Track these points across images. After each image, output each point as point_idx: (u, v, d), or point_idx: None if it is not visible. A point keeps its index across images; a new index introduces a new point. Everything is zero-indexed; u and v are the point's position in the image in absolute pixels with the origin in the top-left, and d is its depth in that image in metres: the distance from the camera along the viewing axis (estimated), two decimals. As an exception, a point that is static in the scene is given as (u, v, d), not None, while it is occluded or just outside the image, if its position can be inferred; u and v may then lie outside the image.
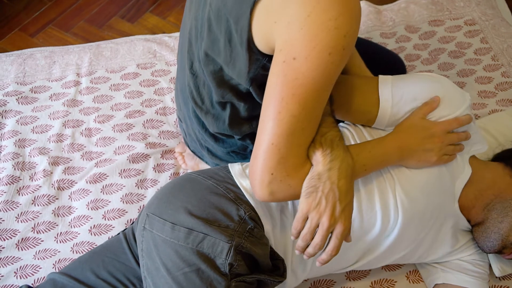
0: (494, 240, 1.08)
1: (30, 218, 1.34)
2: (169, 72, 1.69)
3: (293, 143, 0.84)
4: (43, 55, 1.72)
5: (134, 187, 1.41)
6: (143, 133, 1.52)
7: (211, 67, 0.96)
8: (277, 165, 0.84)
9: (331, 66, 0.77)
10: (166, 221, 0.96)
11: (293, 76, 0.77)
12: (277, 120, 0.81)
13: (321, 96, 0.81)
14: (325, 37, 0.74)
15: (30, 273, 1.26)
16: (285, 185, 0.87)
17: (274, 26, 0.78)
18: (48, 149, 1.48)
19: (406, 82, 1.03)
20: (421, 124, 1.00)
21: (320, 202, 0.86)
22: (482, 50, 1.72)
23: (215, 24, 0.89)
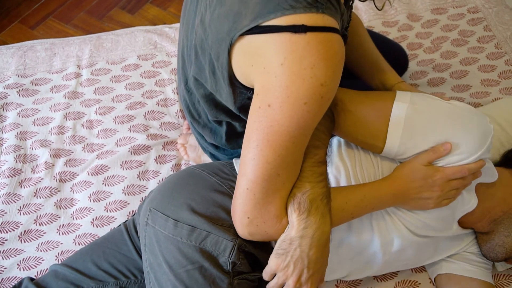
0: (498, 253, 1.08)
1: (32, 210, 1.34)
2: (170, 63, 1.69)
3: (269, 188, 0.81)
4: (44, 47, 1.71)
5: (135, 178, 1.41)
6: (144, 124, 1.52)
7: (201, 91, 0.95)
8: (253, 209, 0.83)
9: (307, 115, 0.74)
10: (168, 217, 0.95)
11: (268, 123, 0.75)
12: (251, 166, 0.79)
13: (297, 143, 0.78)
14: (300, 86, 0.71)
15: (33, 265, 1.26)
16: (262, 231, 0.86)
17: (251, 69, 0.76)
18: (49, 142, 1.48)
19: (422, 116, 0.94)
20: (423, 171, 0.94)
21: (288, 266, 0.86)
22: (485, 38, 1.70)
23: (200, 53, 0.88)
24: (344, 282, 1.23)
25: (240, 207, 0.84)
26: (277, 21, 0.71)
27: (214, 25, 0.80)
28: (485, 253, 1.11)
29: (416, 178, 0.95)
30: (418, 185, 0.95)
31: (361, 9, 1.85)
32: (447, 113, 0.95)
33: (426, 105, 0.95)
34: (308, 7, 0.71)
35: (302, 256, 0.85)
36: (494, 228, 1.07)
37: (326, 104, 0.76)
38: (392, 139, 0.94)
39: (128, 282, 1.06)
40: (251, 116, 0.78)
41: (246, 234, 0.87)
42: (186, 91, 1.04)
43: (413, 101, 0.95)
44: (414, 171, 0.95)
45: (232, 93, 0.86)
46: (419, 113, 0.94)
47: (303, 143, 0.81)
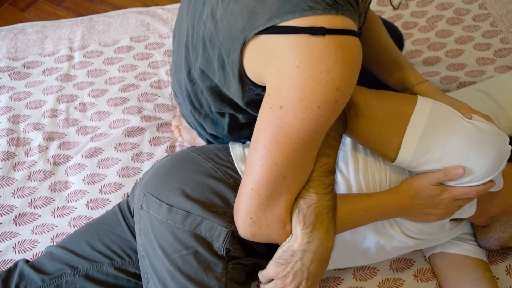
0: (493, 245, 1.09)
1: (27, 193, 1.34)
2: (163, 45, 1.67)
3: (274, 191, 0.79)
4: (35, 30, 1.69)
5: (130, 160, 1.40)
6: (138, 106, 1.51)
7: (207, 82, 0.93)
8: (256, 210, 0.81)
9: (320, 119, 0.72)
10: (162, 202, 0.95)
11: (278, 124, 0.73)
12: (257, 166, 0.77)
13: (307, 146, 0.76)
14: (314, 90, 0.69)
15: (28, 248, 1.26)
16: (265, 233, 0.84)
17: (264, 69, 0.74)
18: (42, 125, 1.47)
19: (439, 133, 0.90)
20: (430, 190, 0.93)
21: (287, 275, 0.85)
22: (480, 16, 1.69)
23: (209, 46, 0.85)
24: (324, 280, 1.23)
25: (243, 206, 0.81)
26: (294, 22, 0.69)
27: (226, 20, 0.78)
28: (479, 242, 1.12)
29: (423, 196, 0.94)
30: (424, 202, 0.94)
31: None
32: (464, 135, 0.90)
33: (445, 121, 0.91)
34: (328, 9, 0.68)
35: (302, 269, 0.84)
36: (491, 224, 1.08)
37: (340, 108, 0.74)
38: (405, 154, 0.91)
39: (123, 262, 1.06)
40: (261, 116, 0.76)
41: (248, 235, 0.85)
42: (189, 81, 1.01)
43: (433, 113, 0.91)
44: (422, 189, 0.94)
45: (241, 89, 0.84)
46: (437, 129, 0.90)
47: (313, 148, 0.79)
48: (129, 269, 1.06)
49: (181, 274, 0.91)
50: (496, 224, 1.07)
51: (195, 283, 0.91)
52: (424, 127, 0.89)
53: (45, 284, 1.04)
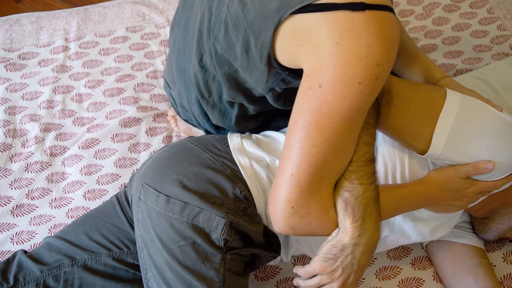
0: (491, 236, 1.10)
1: (24, 185, 1.34)
2: (158, 35, 1.66)
3: (315, 175, 0.76)
4: (30, 21, 1.68)
5: (127, 151, 1.40)
6: (134, 97, 1.50)
7: (225, 68, 0.91)
8: (298, 198, 0.78)
9: (360, 96, 0.70)
10: (160, 193, 0.94)
11: (318, 104, 0.71)
12: (297, 149, 0.75)
13: (347, 127, 0.74)
14: (355, 65, 0.68)
15: (26, 239, 1.26)
16: (306, 222, 0.81)
17: (301, 49, 0.73)
18: (39, 116, 1.46)
19: (469, 126, 0.89)
20: (458, 184, 0.93)
21: (336, 270, 0.84)
22: (477, 3, 1.68)
23: (232, 30, 0.83)
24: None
25: (283, 195, 0.78)
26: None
27: (258, 1, 0.76)
28: (477, 233, 1.13)
29: (450, 188, 0.94)
30: (451, 195, 0.95)
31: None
32: (494, 128, 0.90)
33: (475, 113, 0.90)
34: None
35: (352, 263, 0.83)
36: (490, 216, 1.09)
37: (379, 86, 0.72)
38: (436, 146, 0.90)
39: (121, 253, 1.07)
40: (299, 98, 0.75)
41: (287, 227, 0.82)
42: (200, 68, 0.99)
43: (463, 106, 0.90)
44: (450, 181, 0.93)
45: (267, 73, 0.82)
46: (467, 122, 0.89)
47: (354, 130, 0.76)
48: (127, 260, 1.07)
49: (179, 264, 0.91)
50: (495, 217, 1.08)
51: (193, 273, 0.91)
52: (454, 120, 0.88)
53: (44, 275, 1.04)
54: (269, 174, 0.99)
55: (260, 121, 1.08)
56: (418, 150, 0.93)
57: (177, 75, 1.15)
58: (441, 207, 0.98)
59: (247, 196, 0.96)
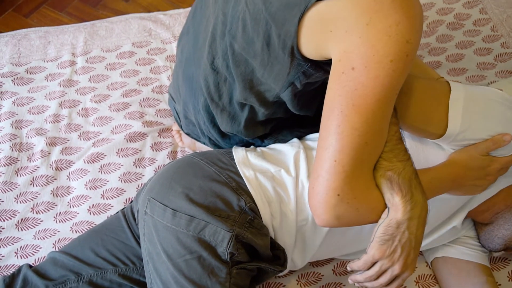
0: (497, 244, 1.09)
1: (29, 198, 1.34)
2: (164, 50, 1.68)
3: (357, 159, 0.76)
4: (38, 35, 1.70)
5: (132, 166, 1.40)
6: (139, 111, 1.51)
7: (242, 68, 0.92)
8: (343, 185, 0.77)
9: (393, 74, 0.71)
10: (167, 207, 0.95)
11: (353, 86, 0.72)
12: (337, 134, 0.75)
13: (383, 107, 0.75)
14: (386, 43, 0.69)
15: (31, 253, 1.26)
16: (353, 208, 0.80)
17: (329, 36, 0.73)
18: (45, 130, 1.47)
19: (479, 105, 0.92)
20: (480, 161, 0.94)
21: (395, 251, 0.83)
22: (481, 21, 1.70)
23: (251, 26, 0.84)
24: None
25: (327, 184, 0.78)
26: None
27: None
28: (483, 243, 1.12)
29: (474, 167, 0.94)
30: (475, 174, 0.95)
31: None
32: (502, 103, 0.94)
33: (481, 94, 0.94)
34: None
35: (410, 238, 0.82)
36: (494, 221, 1.08)
37: (410, 64, 0.73)
38: (453, 126, 0.91)
39: (127, 269, 1.07)
40: (333, 85, 0.75)
41: (333, 218, 0.80)
42: (212, 70, 0.99)
43: (468, 90, 0.93)
44: (472, 159, 0.94)
45: (289, 65, 0.83)
46: (476, 101, 0.92)
47: (389, 108, 0.77)
48: (133, 276, 1.07)
49: (185, 278, 0.92)
50: (500, 221, 1.07)
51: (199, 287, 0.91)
52: (464, 101, 0.91)
53: (49, 290, 1.04)
54: (274, 185, 0.99)
55: (269, 128, 1.08)
56: (435, 135, 0.94)
57: (183, 84, 1.15)
58: (466, 188, 0.98)
59: (253, 207, 0.97)
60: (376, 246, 0.83)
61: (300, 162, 1.02)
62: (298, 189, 0.99)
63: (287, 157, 1.04)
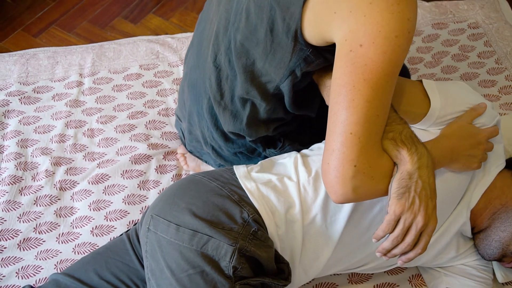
0: (495, 248, 1.08)
1: (32, 218, 1.34)
2: (171, 73, 1.69)
3: (371, 130, 0.81)
4: (46, 55, 1.72)
5: (136, 188, 1.40)
6: (145, 134, 1.52)
7: (243, 59, 0.95)
8: (359, 155, 0.81)
9: (398, 49, 0.76)
10: (170, 222, 0.95)
11: (362, 62, 0.77)
12: (351, 108, 0.79)
13: (390, 81, 0.79)
14: (390, 21, 0.74)
15: (32, 274, 1.25)
16: (368, 177, 0.83)
17: (333, 17, 0.78)
18: (50, 150, 1.47)
19: (448, 87, 1.03)
20: (470, 129, 1.00)
21: (414, 202, 0.85)
22: (485, 54, 1.72)
23: (255, 13, 0.88)
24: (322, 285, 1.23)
25: (344, 156, 0.81)
26: None
27: None
28: (482, 251, 1.11)
29: (465, 135, 1.00)
30: (468, 143, 1.00)
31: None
32: (467, 86, 1.07)
33: (446, 83, 1.06)
34: None
35: (424, 187, 0.85)
36: (491, 223, 1.08)
37: (410, 41, 0.78)
38: (435, 103, 0.99)
39: (130, 292, 1.06)
40: (341, 63, 0.79)
41: (350, 191, 0.83)
42: (214, 68, 1.03)
43: (437, 82, 1.03)
44: (462, 129, 1.00)
45: (292, 49, 0.87)
46: (446, 84, 1.04)
47: (394, 82, 0.81)
48: (136, 299, 1.06)
49: None
50: (496, 223, 1.08)
51: None
52: (436, 84, 1.01)
53: (51, 312, 1.03)
54: (277, 195, 1.01)
55: (271, 129, 1.09)
56: (419, 115, 1.00)
57: (188, 95, 1.18)
58: (464, 159, 1.00)
59: (256, 218, 0.97)
60: (394, 201, 0.85)
61: (299, 167, 1.05)
62: (301, 193, 1.02)
63: (286, 164, 1.08)
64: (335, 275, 1.24)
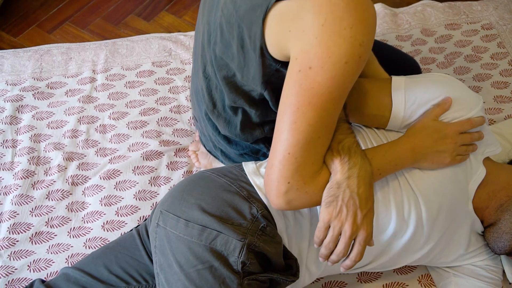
0: (506, 241, 1.07)
1: (44, 212, 1.36)
2: (184, 70, 1.70)
3: (310, 151, 0.83)
4: (60, 51, 1.73)
5: (147, 184, 1.41)
6: (157, 130, 1.53)
7: (224, 72, 0.96)
8: (294, 174, 0.84)
9: (347, 75, 0.76)
10: (179, 218, 0.96)
11: (309, 85, 0.77)
12: (292, 130, 0.81)
13: (336, 104, 0.81)
14: (341, 46, 0.74)
15: (43, 267, 1.27)
16: (302, 192, 0.86)
17: (288, 35, 0.78)
18: (63, 145, 1.49)
19: (419, 84, 1.02)
20: (434, 125, 1.00)
21: (341, 211, 0.86)
22: (498, 55, 1.71)
23: (226, 30, 0.89)
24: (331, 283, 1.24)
25: (279, 173, 0.84)
26: None
27: None
28: (493, 245, 1.10)
29: (429, 133, 0.99)
30: (433, 139, 0.99)
31: (375, 23, 1.86)
32: (440, 78, 1.05)
33: (420, 77, 1.05)
34: None
35: (352, 196, 0.86)
36: (501, 216, 1.08)
37: (362, 65, 0.78)
38: (398, 105, 1.00)
39: (140, 287, 1.07)
40: (290, 81, 0.79)
41: (283, 203, 0.87)
42: (204, 78, 1.04)
43: (408, 77, 1.03)
44: (425, 126, 1.00)
45: (261, 65, 0.87)
46: (416, 81, 1.02)
47: (341, 104, 0.82)
48: (145, 294, 1.07)
49: None
50: (505, 216, 1.07)
51: None
52: (405, 83, 1.01)
53: (60, 306, 1.05)
54: None
55: (267, 130, 1.10)
56: (386, 118, 1.02)
57: (195, 100, 1.19)
58: (432, 156, 1.00)
59: (265, 214, 0.98)
60: (323, 209, 0.88)
61: None
62: None
63: None
64: (344, 274, 1.24)
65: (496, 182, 1.09)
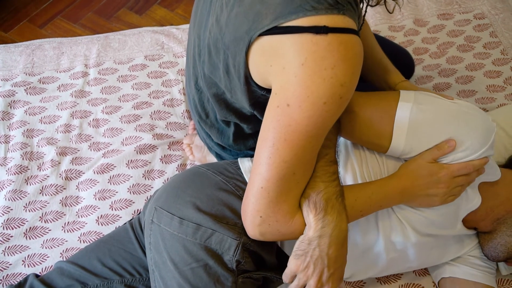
0: (500, 252, 1.08)
1: (38, 207, 1.35)
2: (176, 64, 1.69)
3: (283, 187, 0.81)
4: (52, 46, 1.72)
5: (141, 177, 1.41)
6: (150, 124, 1.52)
7: (214, 89, 0.96)
8: (266, 208, 0.82)
9: (326, 114, 0.75)
10: (174, 215, 0.96)
11: (286, 122, 0.76)
12: (267, 165, 0.79)
13: (314, 142, 0.79)
14: (320, 86, 0.72)
15: (38, 262, 1.27)
16: (274, 230, 0.85)
17: (269, 69, 0.77)
18: (56, 140, 1.48)
19: (426, 115, 0.94)
20: (428, 168, 0.95)
21: (308, 266, 0.86)
22: (491, 44, 1.71)
23: (214, 52, 0.88)
24: (347, 284, 1.23)
25: (252, 206, 0.83)
26: (298, 21, 0.72)
27: (231, 24, 0.80)
28: (486, 252, 1.11)
29: (422, 175, 0.95)
30: (424, 182, 0.95)
31: (368, 13, 1.86)
32: (450, 112, 0.95)
33: (430, 104, 0.96)
34: (330, 9, 0.72)
35: (321, 256, 0.85)
36: (497, 227, 1.07)
37: (344, 104, 0.76)
38: (398, 139, 0.95)
39: (133, 279, 1.07)
40: (268, 115, 0.78)
41: (257, 234, 0.86)
42: (196, 90, 1.04)
43: (417, 100, 0.96)
44: (419, 168, 0.95)
45: (246, 92, 0.86)
46: (423, 112, 0.94)
47: (319, 143, 0.81)
48: (139, 287, 1.07)
49: (191, 287, 0.92)
50: (502, 228, 1.06)
51: None
52: (411, 112, 0.94)
53: (55, 300, 1.05)
54: None
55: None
56: (384, 148, 0.97)
57: (188, 102, 1.19)
58: (421, 199, 0.97)
59: None
60: (291, 258, 0.88)
61: None
62: None
63: None
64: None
65: (495, 198, 1.06)
